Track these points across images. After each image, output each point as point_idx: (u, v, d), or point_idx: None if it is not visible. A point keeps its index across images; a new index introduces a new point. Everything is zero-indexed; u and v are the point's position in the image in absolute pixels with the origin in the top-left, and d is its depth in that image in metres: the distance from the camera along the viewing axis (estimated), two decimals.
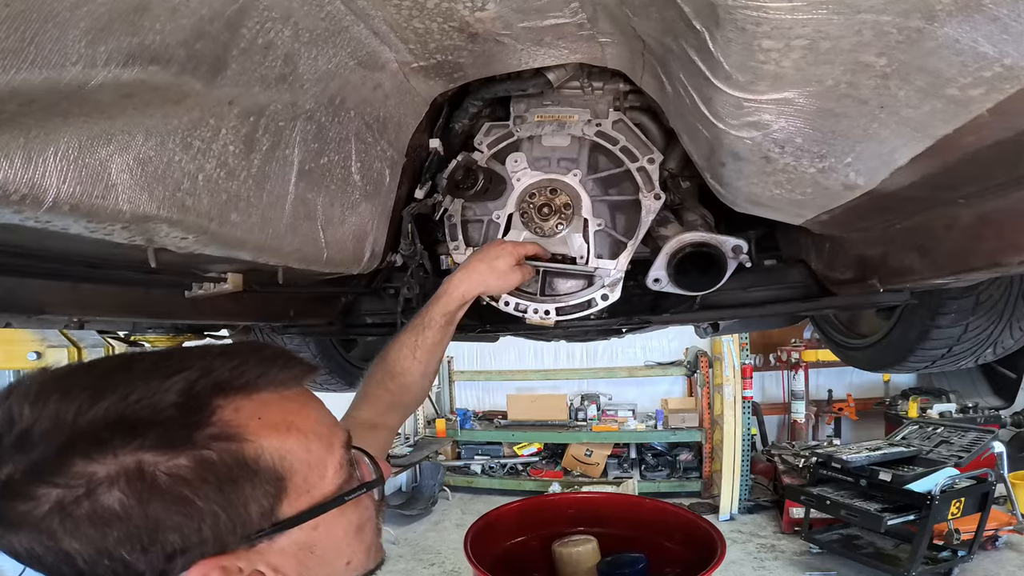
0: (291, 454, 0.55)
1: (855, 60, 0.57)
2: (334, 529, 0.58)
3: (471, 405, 7.84)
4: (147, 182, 0.66)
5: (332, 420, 0.64)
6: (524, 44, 1.10)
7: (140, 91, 0.62)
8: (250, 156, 0.81)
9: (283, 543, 0.54)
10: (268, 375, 0.57)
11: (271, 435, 0.54)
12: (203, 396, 0.52)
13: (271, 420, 0.55)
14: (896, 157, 0.68)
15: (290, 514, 0.54)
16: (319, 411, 0.62)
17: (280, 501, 0.54)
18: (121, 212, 0.64)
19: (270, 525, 0.53)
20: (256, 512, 0.52)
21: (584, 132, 1.38)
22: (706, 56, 0.66)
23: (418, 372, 1.13)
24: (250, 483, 0.52)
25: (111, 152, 0.63)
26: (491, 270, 1.19)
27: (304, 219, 0.98)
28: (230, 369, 0.55)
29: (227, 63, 0.71)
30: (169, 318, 1.09)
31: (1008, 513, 4.71)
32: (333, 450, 0.60)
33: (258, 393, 0.56)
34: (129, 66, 0.58)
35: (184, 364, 0.54)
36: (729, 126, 0.76)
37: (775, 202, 0.94)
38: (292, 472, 0.55)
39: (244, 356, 0.57)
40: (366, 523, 0.63)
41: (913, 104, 0.60)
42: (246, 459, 0.52)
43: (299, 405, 0.60)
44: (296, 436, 0.56)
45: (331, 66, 0.92)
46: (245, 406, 0.54)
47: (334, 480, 0.58)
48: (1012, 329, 1.87)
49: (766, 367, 7.16)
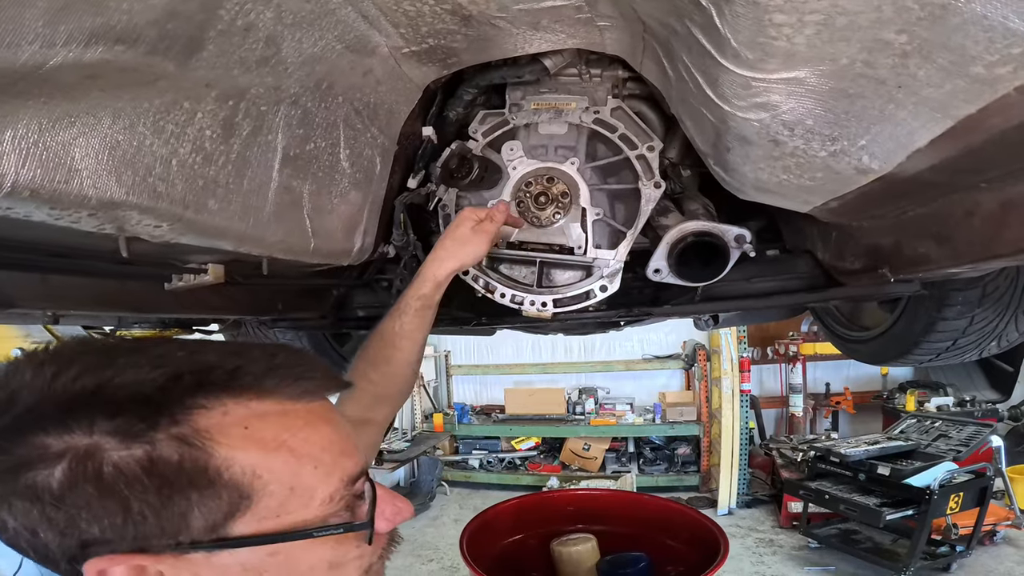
0: (270, 474, 0.51)
1: (873, 37, 0.54)
2: (297, 562, 0.53)
3: (469, 399, 7.82)
4: (115, 167, 0.62)
5: (346, 447, 0.57)
6: (520, 28, 1.06)
7: (106, 72, 0.58)
8: (229, 141, 0.77)
9: (226, 560, 0.50)
10: (270, 383, 0.53)
11: (252, 449, 0.50)
12: (185, 392, 0.49)
13: (260, 434, 0.51)
14: (914, 139, 0.65)
15: (243, 533, 0.50)
16: (331, 435, 0.56)
17: (234, 518, 0.50)
18: (86, 198, 0.60)
19: (211, 539, 0.49)
20: (198, 524, 0.49)
21: (582, 120, 1.34)
22: (712, 34, 0.62)
23: (401, 360, 1.10)
24: (199, 492, 0.48)
25: (75, 135, 0.59)
26: (455, 242, 1.15)
27: (289, 207, 0.94)
28: (231, 369, 0.51)
29: (203, 44, 0.67)
30: (148, 312, 1.05)
31: (1006, 508, 4.71)
32: (330, 480, 0.54)
33: (258, 401, 0.52)
34: (92, 46, 0.54)
35: (188, 356, 0.51)
36: (736, 108, 0.72)
37: (783, 188, 0.90)
38: (265, 493, 0.51)
39: (255, 358, 0.53)
40: (349, 563, 0.56)
41: (935, 83, 0.57)
42: (207, 467, 0.48)
43: (304, 423, 0.54)
44: (285, 457, 0.52)
45: (317, 50, 0.88)
46: (235, 412, 0.51)
47: (318, 511, 0.53)
48: (1018, 322, 1.84)
49: (764, 360, 7.16)
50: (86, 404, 0.46)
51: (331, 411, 0.58)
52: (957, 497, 4.23)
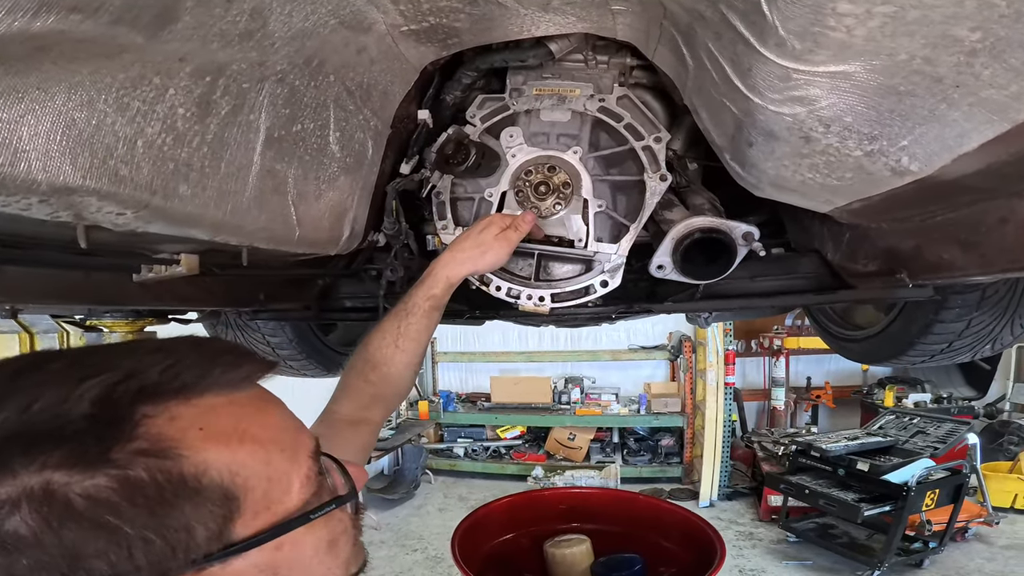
0: (245, 468, 0.48)
1: (942, 33, 0.49)
2: (302, 548, 0.52)
3: (454, 387, 7.78)
4: (69, 148, 0.54)
5: (296, 425, 0.57)
6: (528, 8, 1.00)
7: (59, 43, 0.51)
8: (205, 120, 0.69)
9: (240, 566, 0.48)
10: (211, 375, 0.50)
11: (218, 447, 0.47)
12: (124, 404, 0.45)
13: (218, 429, 0.48)
14: (963, 142, 0.59)
15: (246, 535, 0.48)
16: (281, 415, 0.55)
17: (232, 521, 0.48)
18: (35, 182, 0.53)
19: (220, 548, 0.47)
20: (202, 535, 0.46)
21: (586, 107, 1.28)
22: (755, 20, 0.56)
23: (401, 362, 1.05)
24: (191, 503, 0.45)
25: (22, 112, 0.52)
26: (478, 246, 1.10)
27: (272, 193, 0.86)
28: (160, 370, 0.47)
29: (178, 15, 0.60)
30: (116, 304, 0.98)
31: (979, 504, 4.80)
32: (298, 461, 0.53)
33: (200, 397, 0.49)
34: (42, 15, 0.47)
35: (105, 365, 0.46)
36: (768, 100, 0.66)
37: (805, 187, 0.85)
38: (247, 489, 0.48)
39: (180, 354, 0.49)
40: (340, 536, 0.56)
41: (998, 84, 0.52)
42: (184, 477, 0.45)
43: (255, 410, 0.52)
44: (251, 447, 0.50)
45: (308, 24, 0.80)
46: (184, 414, 0.47)
47: (300, 495, 0.52)
48: (1013, 326, 1.83)
49: (748, 353, 7.21)
50: (15, 441, 0.42)
51: (271, 393, 0.57)
52: (933, 494, 4.30)
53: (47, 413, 0.43)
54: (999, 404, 6.38)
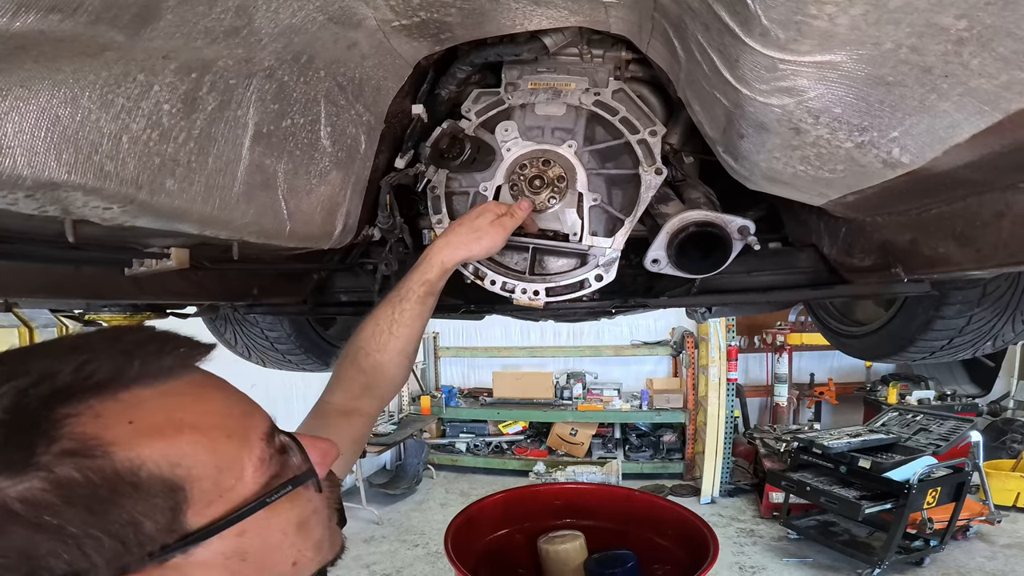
0: (187, 458, 0.47)
1: (926, 21, 0.48)
2: (268, 531, 0.51)
3: (456, 382, 7.79)
4: (54, 143, 0.55)
5: (245, 407, 0.55)
6: (520, 2, 1.00)
7: (39, 43, 0.51)
8: (191, 116, 0.69)
9: (203, 555, 0.48)
10: (130, 368, 0.48)
11: (151, 440, 0.46)
12: (38, 408, 0.44)
13: (149, 422, 0.47)
14: (954, 133, 0.59)
15: (201, 524, 0.48)
16: (225, 399, 0.53)
17: (182, 512, 0.47)
18: (20, 178, 0.53)
19: (177, 539, 0.47)
20: (151, 528, 0.46)
21: (581, 101, 1.27)
22: (739, 10, 0.56)
23: (395, 348, 1.03)
24: (131, 499, 0.45)
25: (6, 109, 0.52)
26: (473, 231, 1.09)
27: (261, 188, 0.86)
28: (73, 369, 0.46)
29: (160, 13, 0.60)
30: (107, 298, 0.97)
31: (980, 503, 4.77)
32: (250, 443, 0.52)
33: (127, 391, 0.47)
34: (20, 15, 0.47)
35: (16, 371, 0.45)
36: (756, 92, 0.66)
37: (797, 180, 0.84)
38: (193, 479, 0.47)
39: (96, 350, 0.48)
40: (310, 517, 0.55)
41: (988, 74, 0.51)
42: (119, 473, 0.44)
43: (192, 398, 0.51)
44: (191, 436, 0.48)
45: (295, 20, 0.80)
46: (109, 410, 0.46)
47: (256, 478, 0.51)
48: (1015, 322, 1.82)
49: (751, 349, 7.19)
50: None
51: (213, 377, 0.55)
52: (935, 492, 4.28)
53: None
54: (1003, 402, 6.35)
